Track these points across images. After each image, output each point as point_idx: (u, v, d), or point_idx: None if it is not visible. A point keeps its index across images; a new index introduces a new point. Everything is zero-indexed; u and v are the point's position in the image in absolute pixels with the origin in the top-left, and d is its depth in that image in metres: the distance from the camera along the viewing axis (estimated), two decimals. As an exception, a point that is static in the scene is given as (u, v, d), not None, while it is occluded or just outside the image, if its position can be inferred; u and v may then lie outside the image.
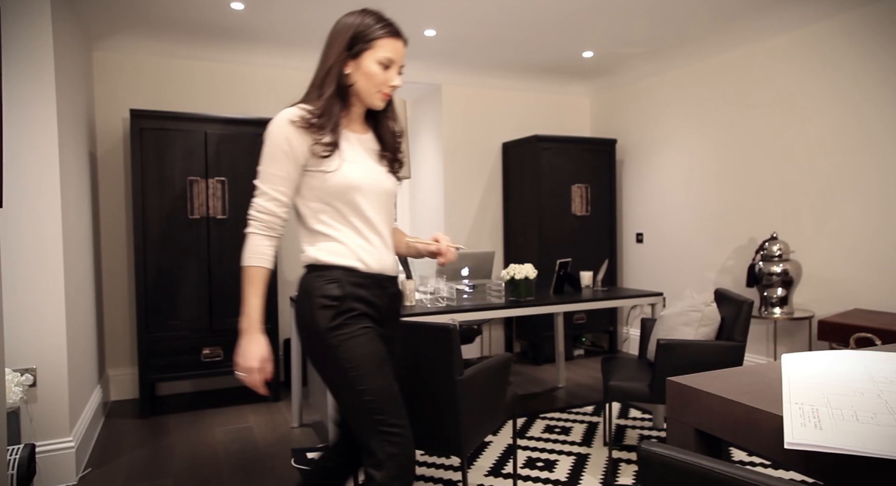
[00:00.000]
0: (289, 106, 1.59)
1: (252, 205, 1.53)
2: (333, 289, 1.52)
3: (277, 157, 1.52)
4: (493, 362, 2.10)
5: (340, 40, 1.56)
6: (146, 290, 3.58)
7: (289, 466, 2.84)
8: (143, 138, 3.56)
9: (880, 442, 0.99)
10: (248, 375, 1.45)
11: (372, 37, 1.56)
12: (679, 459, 0.76)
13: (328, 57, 1.58)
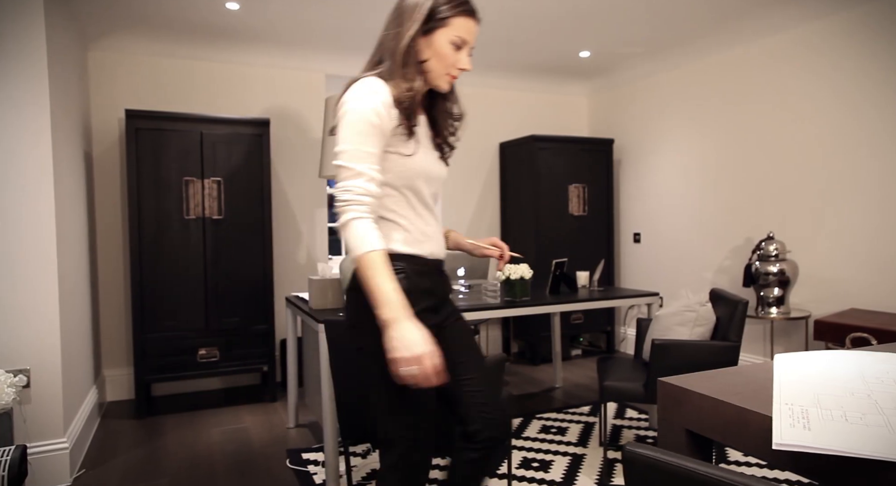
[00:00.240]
0: (358, 77, 1.46)
1: (346, 188, 1.35)
2: (400, 281, 1.42)
3: (368, 131, 1.37)
4: (488, 362, 2.09)
5: (417, 15, 1.44)
6: (142, 290, 3.58)
7: (284, 467, 2.84)
8: (139, 138, 3.55)
9: (868, 442, 0.99)
10: (419, 366, 1.27)
11: (448, 14, 1.44)
12: (663, 460, 0.76)
13: (404, 32, 1.44)
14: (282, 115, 4.42)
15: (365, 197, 1.35)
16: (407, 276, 1.44)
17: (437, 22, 1.43)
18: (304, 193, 4.51)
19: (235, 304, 3.80)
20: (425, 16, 1.43)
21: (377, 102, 1.38)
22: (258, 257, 3.85)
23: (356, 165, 1.36)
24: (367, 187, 1.36)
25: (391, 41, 1.46)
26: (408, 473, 1.49)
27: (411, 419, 1.48)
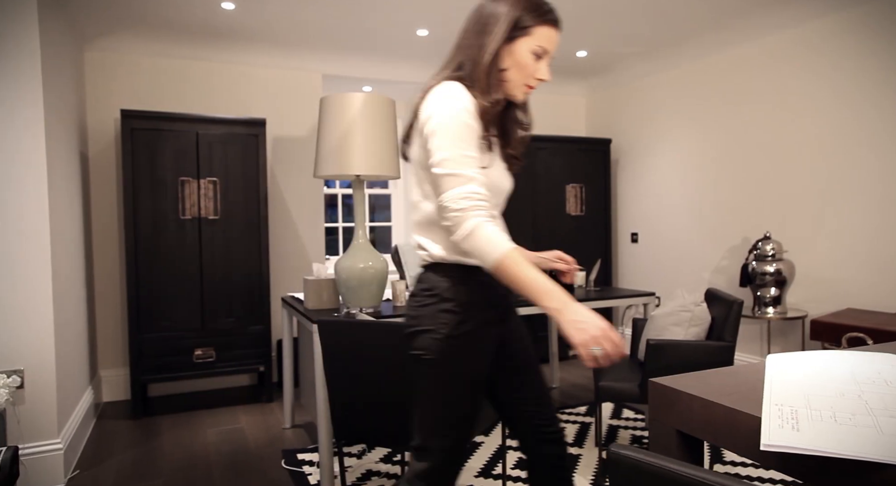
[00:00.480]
0: (439, 81, 1.41)
1: (460, 195, 1.29)
2: (462, 293, 1.42)
3: (465, 135, 1.34)
4: (481, 362, 2.09)
5: (502, 25, 1.39)
6: (138, 290, 3.57)
7: (280, 467, 2.83)
8: (135, 139, 3.55)
9: (856, 443, 0.98)
10: (604, 341, 1.21)
11: (531, 23, 1.40)
12: (646, 461, 0.75)
13: (489, 43, 1.40)
14: (279, 115, 4.41)
15: (482, 201, 1.31)
16: (468, 287, 1.43)
17: (519, 31, 1.39)
18: (301, 193, 4.50)
19: (231, 304, 3.80)
20: (512, 23, 1.39)
21: (470, 107, 1.35)
22: (254, 257, 3.85)
23: (464, 171, 1.31)
24: (481, 191, 1.31)
25: (474, 51, 1.41)
26: (438, 483, 1.46)
27: (456, 433, 1.45)
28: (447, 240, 1.44)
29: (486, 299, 1.45)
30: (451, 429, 1.45)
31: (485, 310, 1.45)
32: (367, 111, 2.67)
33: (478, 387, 1.46)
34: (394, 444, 2.05)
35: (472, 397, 1.45)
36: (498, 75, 1.42)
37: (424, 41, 3.96)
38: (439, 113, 1.34)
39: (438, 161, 1.32)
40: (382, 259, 2.76)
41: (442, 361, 1.41)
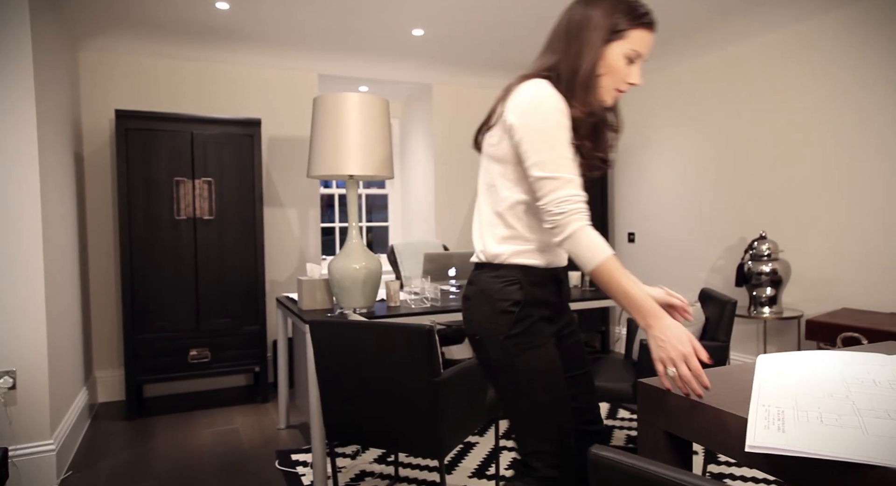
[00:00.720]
0: (527, 77, 1.38)
1: (562, 198, 1.29)
2: (514, 292, 1.42)
3: (562, 137, 1.32)
4: (472, 363, 2.09)
5: (601, 28, 1.35)
6: (132, 291, 3.57)
7: (273, 468, 2.83)
8: (129, 139, 3.54)
9: (840, 444, 0.98)
10: (680, 365, 1.15)
11: (626, 26, 1.35)
12: (625, 463, 0.75)
13: (586, 50, 1.35)
14: (275, 115, 4.41)
15: (582, 204, 1.30)
16: (521, 286, 1.42)
17: (613, 35, 1.36)
18: (297, 193, 4.50)
19: (227, 304, 3.79)
20: (607, 33, 1.35)
21: (560, 104, 1.33)
22: (250, 257, 3.84)
23: (563, 174, 1.30)
24: (581, 194, 1.31)
25: (570, 59, 1.37)
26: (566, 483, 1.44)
27: (557, 429, 1.44)
28: (501, 238, 1.44)
29: (537, 297, 1.45)
30: (551, 427, 1.43)
31: (537, 307, 1.44)
32: (361, 111, 2.66)
33: (557, 379, 1.45)
34: (387, 445, 2.04)
35: (556, 389, 1.44)
36: (593, 82, 1.38)
37: (420, 41, 3.96)
38: (533, 113, 1.32)
39: (536, 163, 1.31)
40: (376, 259, 2.76)
41: (512, 363, 1.41)
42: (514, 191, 1.42)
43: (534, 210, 1.42)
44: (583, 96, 1.37)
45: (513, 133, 1.36)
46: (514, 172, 1.41)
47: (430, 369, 1.88)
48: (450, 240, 5.05)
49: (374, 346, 1.96)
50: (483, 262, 1.49)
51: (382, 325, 1.93)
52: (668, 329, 1.20)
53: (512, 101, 1.37)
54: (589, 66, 1.35)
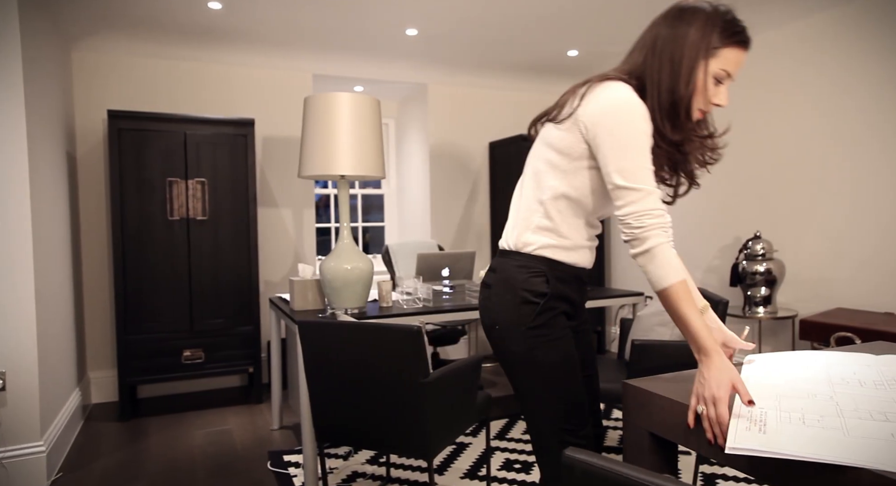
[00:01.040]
0: (608, 78, 1.33)
1: (643, 211, 1.24)
2: (540, 284, 1.41)
3: (644, 145, 1.27)
4: (462, 364, 2.08)
5: (700, 44, 1.26)
6: (125, 291, 3.56)
7: (265, 469, 2.82)
8: (122, 139, 3.54)
9: (820, 446, 0.97)
10: (709, 406, 1.10)
11: (719, 44, 1.26)
12: (598, 465, 0.74)
13: (683, 71, 1.27)
14: (269, 115, 4.40)
15: (662, 219, 1.24)
16: (547, 279, 1.42)
17: (707, 52, 1.28)
18: (291, 193, 4.49)
19: (220, 305, 3.78)
20: (711, 40, 1.26)
21: (644, 111, 1.28)
22: (243, 257, 3.84)
23: (644, 185, 1.25)
24: (661, 207, 1.26)
25: (665, 78, 1.29)
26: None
27: (573, 426, 1.43)
28: (536, 228, 1.43)
29: (561, 292, 1.45)
30: (562, 420, 1.42)
31: (560, 302, 1.45)
32: (352, 111, 2.65)
33: (574, 372, 1.45)
34: (375, 446, 2.03)
35: (571, 382, 1.44)
36: (691, 106, 1.31)
37: (415, 41, 3.95)
38: (619, 116, 1.27)
39: (618, 170, 1.26)
40: (368, 260, 2.75)
41: (532, 355, 1.41)
42: (562, 182, 1.39)
43: (574, 208, 1.41)
44: (676, 120, 1.30)
45: (591, 133, 1.31)
46: (569, 164, 1.38)
47: (417, 370, 1.88)
48: (445, 240, 5.05)
49: (363, 347, 1.95)
50: (510, 249, 1.47)
51: (370, 326, 1.92)
52: (714, 369, 1.14)
53: (594, 99, 1.31)
54: (688, 91, 1.28)
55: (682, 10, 1.31)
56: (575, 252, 1.46)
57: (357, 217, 5.56)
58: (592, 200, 1.41)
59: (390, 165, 5.68)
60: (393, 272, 4.32)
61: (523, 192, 1.48)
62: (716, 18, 1.27)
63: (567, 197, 1.40)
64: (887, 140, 3.18)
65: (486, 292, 1.49)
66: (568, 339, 1.45)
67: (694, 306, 1.22)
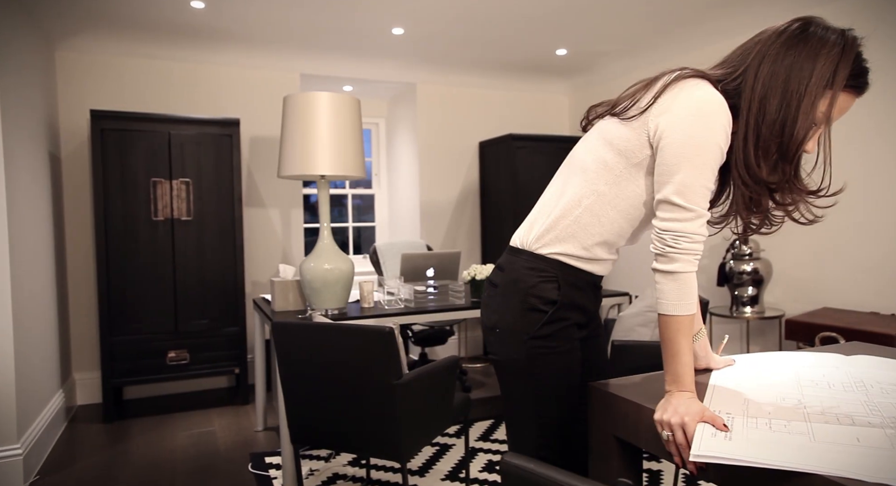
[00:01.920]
0: (697, 76, 1.18)
1: (684, 233, 1.13)
2: (551, 291, 1.30)
3: (715, 162, 1.13)
4: (437, 365, 2.06)
5: (838, 74, 1.10)
6: (109, 292, 3.53)
7: (246, 471, 2.80)
8: (105, 139, 3.51)
9: (784, 453, 0.95)
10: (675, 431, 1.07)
11: (844, 84, 1.12)
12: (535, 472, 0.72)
13: (805, 103, 1.11)
14: (257, 115, 4.38)
15: (699, 245, 1.14)
16: (558, 285, 1.31)
17: (824, 90, 1.12)
18: (279, 193, 4.46)
19: (205, 306, 3.76)
20: (823, 88, 1.11)
21: (727, 124, 1.13)
22: (229, 258, 3.81)
23: (697, 206, 1.13)
24: (702, 233, 1.14)
25: (774, 109, 1.12)
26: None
27: (551, 441, 1.37)
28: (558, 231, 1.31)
29: (574, 300, 1.33)
30: (543, 436, 1.35)
31: (571, 311, 1.34)
32: (332, 111, 2.63)
33: (572, 389, 1.36)
34: (350, 448, 2.01)
35: (565, 401, 1.35)
36: (800, 152, 1.16)
37: (402, 40, 3.92)
38: (696, 123, 1.12)
39: (676, 183, 1.13)
40: (348, 260, 2.72)
41: (531, 365, 1.31)
42: (612, 188, 1.25)
43: (614, 220, 1.28)
44: (770, 159, 1.15)
45: (660, 135, 1.17)
46: (626, 169, 1.24)
47: (390, 372, 1.85)
48: (435, 240, 5.02)
49: (336, 348, 1.93)
50: (522, 248, 1.35)
51: (342, 327, 1.90)
52: (680, 400, 1.10)
53: (674, 97, 1.16)
54: (802, 135, 1.12)
55: (806, 32, 1.13)
56: (595, 263, 1.35)
57: (348, 217, 5.54)
58: (640, 215, 1.28)
59: (381, 166, 5.66)
60: (381, 273, 4.29)
61: (565, 188, 1.33)
62: (850, 54, 1.11)
63: (613, 206, 1.26)
64: (873, 140, 3.16)
65: (492, 291, 1.39)
66: (573, 353, 1.35)
67: (689, 342, 1.16)
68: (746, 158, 1.16)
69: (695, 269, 1.15)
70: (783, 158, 1.15)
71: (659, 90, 1.19)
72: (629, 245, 1.39)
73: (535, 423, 1.36)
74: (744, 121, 1.16)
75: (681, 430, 1.06)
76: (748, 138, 1.15)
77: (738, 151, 1.17)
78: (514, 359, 1.34)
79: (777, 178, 1.17)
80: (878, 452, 0.92)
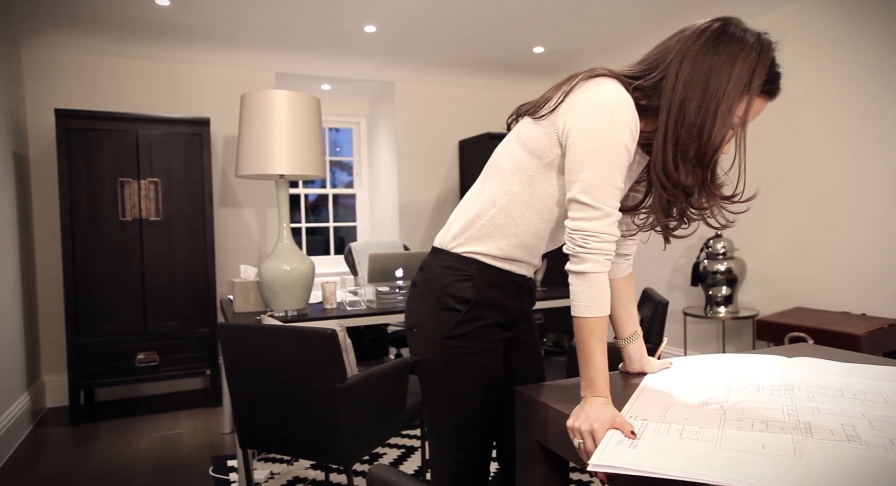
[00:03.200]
0: (604, 75, 1.16)
1: (592, 232, 1.10)
2: (466, 290, 1.27)
3: (622, 160, 1.11)
4: (385, 368, 2.02)
5: (755, 79, 1.10)
6: (75, 294, 3.49)
7: (206, 475, 2.76)
8: (70, 139, 3.47)
9: (686, 461, 0.91)
10: (585, 438, 1.04)
11: (760, 89, 1.12)
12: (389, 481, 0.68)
13: (723, 108, 1.09)
14: (232, 114, 4.33)
15: (610, 244, 1.12)
16: (475, 284, 1.28)
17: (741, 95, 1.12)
18: (255, 193, 4.42)
19: (175, 307, 3.72)
20: (748, 79, 1.09)
21: (631, 121, 1.11)
22: (200, 259, 3.77)
23: (605, 206, 1.11)
24: (612, 232, 1.12)
25: (693, 111, 1.10)
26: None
27: (464, 447, 1.34)
28: (473, 230, 1.29)
29: (490, 299, 1.30)
30: (459, 438, 1.33)
31: (489, 310, 1.30)
32: (290, 109, 2.59)
33: (490, 392, 1.33)
34: (294, 452, 1.98)
35: (482, 405, 1.32)
36: (716, 158, 1.14)
37: (375, 38, 3.88)
38: (599, 121, 1.10)
39: (581, 181, 1.11)
40: (308, 261, 2.69)
41: (446, 366, 1.29)
42: (526, 188, 1.23)
43: (530, 221, 1.26)
44: (688, 163, 1.13)
45: (566, 134, 1.15)
46: (538, 169, 1.21)
47: (333, 375, 1.82)
48: (414, 240, 4.98)
49: (280, 351, 1.89)
50: (440, 248, 1.34)
51: (284, 329, 1.86)
52: (597, 405, 1.07)
53: (579, 96, 1.15)
54: (719, 140, 1.10)
55: (726, 33, 1.12)
56: (513, 263, 1.32)
57: (328, 217, 5.50)
58: (555, 215, 1.25)
59: (362, 165, 5.62)
60: (356, 273, 4.26)
61: (482, 189, 1.31)
62: (766, 59, 1.11)
63: (528, 206, 1.25)
64: (847, 139, 3.12)
65: (412, 292, 1.37)
66: (492, 354, 1.32)
67: (602, 345, 1.12)
68: (665, 161, 1.14)
69: (606, 269, 1.13)
70: (700, 162, 1.12)
71: (568, 88, 1.18)
72: (553, 248, 1.35)
73: (451, 426, 1.33)
74: (663, 123, 1.13)
75: (590, 437, 1.03)
76: (667, 141, 1.13)
77: (657, 152, 1.15)
78: (429, 359, 1.31)
79: (694, 181, 1.14)
80: (780, 460, 0.89)
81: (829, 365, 1.41)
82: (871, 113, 2.99)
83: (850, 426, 1.00)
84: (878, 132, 2.97)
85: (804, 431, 0.99)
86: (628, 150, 1.12)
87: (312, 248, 5.46)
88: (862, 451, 0.90)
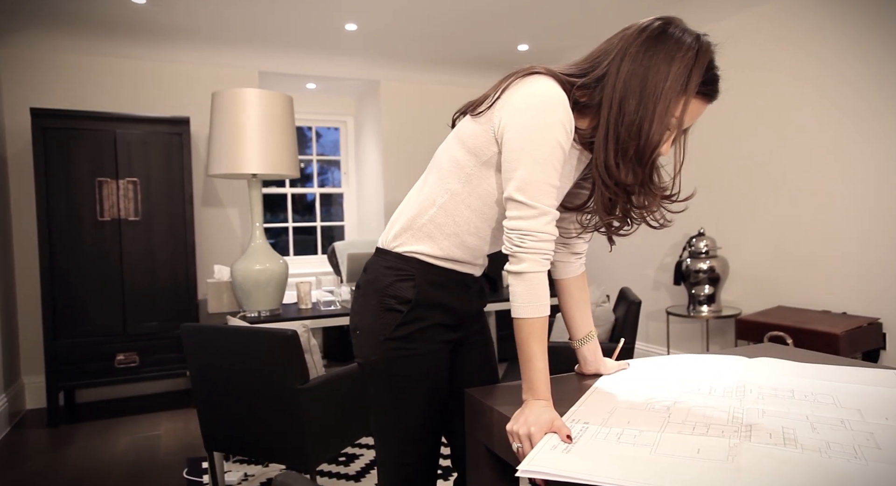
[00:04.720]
0: (538, 73, 1.13)
1: (528, 231, 1.08)
2: (407, 290, 1.24)
3: (556, 158, 1.09)
4: (350, 368, 2.00)
5: (692, 79, 1.11)
6: (53, 294, 3.46)
7: (181, 477, 2.73)
8: (47, 138, 3.44)
9: (617, 467, 0.89)
10: (523, 442, 1.03)
11: (692, 89, 1.12)
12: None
13: (661, 109, 1.09)
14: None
15: (547, 243, 1.10)
16: (416, 284, 1.25)
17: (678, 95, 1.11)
18: (238, 193, 4.39)
19: (155, 308, 3.69)
20: (685, 80, 1.10)
21: (564, 118, 1.09)
22: (180, 259, 3.74)
23: (541, 204, 1.08)
24: (550, 231, 1.10)
25: (632, 109, 1.09)
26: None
27: (413, 447, 1.32)
28: (414, 230, 1.26)
29: (433, 299, 1.27)
30: (403, 441, 1.31)
31: (432, 311, 1.27)
32: (262, 108, 2.57)
33: (435, 394, 1.31)
34: (257, 454, 1.95)
35: (426, 407, 1.30)
36: (655, 157, 1.13)
37: (357, 36, 3.85)
38: (531, 118, 1.08)
39: (517, 180, 1.09)
40: (281, 261, 2.66)
41: (388, 368, 1.26)
42: (465, 187, 1.21)
43: (471, 220, 1.23)
44: (628, 162, 1.12)
45: (500, 132, 1.14)
46: (476, 168, 1.19)
47: (294, 376, 1.79)
48: (400, 239, 4.95)
49: (242, 353, 1.87)
50: (382, 248, 1.31)
51: (245, 331, 1.84)
52: (536, 408, 1.05)
53: (513, 93, 1.13)
54: (657, 139, 1.10)
55: (665, 33, 1.13)
56: (456, 263, 1.28)
57: (315, 216, 5.47)
58: (495, 214, 1.22)
59: (349, 164, 5.59)
60: (339, 273, 4.23)
61: (423, 187, 1.28)
62: (704, 60, 1.12)
63: (467, 205, 1.22)
64: (830, 138, 3.09)
65: (356, 293, 1.34)
66: (436, 356, 1.29)
67: (543, 346, 1.11)
68: (606, 159, 1.12)
69: (544, 268, 1.10)
70: (639, 161, 1.11)
71: (505, 86, 1.15)
72: (498, 249, 1.32)
73: (396, 430, 1.30)
74: (604, 120, 1.12)
75: (528, 441, 1.01)
76: (608, 139, 1.11)
77: (599, 150, 1.13)
78: (372, 361, 1.28)
79: (634, 180, 1.14)
80: (712, 465, 0.87)
81: (787, 366, 1.38)
82: (854, 113, 2.97)
83: (791, 428, 0.98)
84: (860, 132, 2.95)
85: (744, 434, 0.97)
86: (563, 147, 1.10)
87: (304, 248, 5.44)
88: (796, 455, 0.87)
